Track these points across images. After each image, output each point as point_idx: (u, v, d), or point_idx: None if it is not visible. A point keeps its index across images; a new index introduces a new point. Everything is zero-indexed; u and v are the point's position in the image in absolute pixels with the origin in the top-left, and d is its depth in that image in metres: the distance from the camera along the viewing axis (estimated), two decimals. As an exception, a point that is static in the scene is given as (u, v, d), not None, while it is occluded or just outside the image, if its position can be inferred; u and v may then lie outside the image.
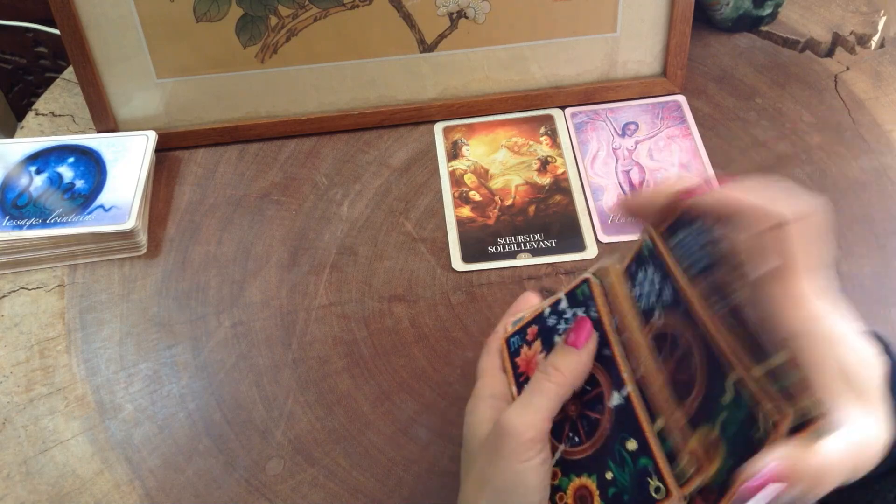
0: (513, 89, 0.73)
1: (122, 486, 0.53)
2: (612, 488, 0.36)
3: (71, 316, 0.62)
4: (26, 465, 0.54)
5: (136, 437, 0.55)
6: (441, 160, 0.71)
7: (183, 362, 0.59)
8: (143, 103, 0.71)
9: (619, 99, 0.73)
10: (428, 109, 0.73)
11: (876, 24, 0.78)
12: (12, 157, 0.68)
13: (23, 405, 0.57)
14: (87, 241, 0.64)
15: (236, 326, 0.61)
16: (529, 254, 0.63)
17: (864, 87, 0.74)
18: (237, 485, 0.53)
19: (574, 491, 0.38)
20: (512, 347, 0.44)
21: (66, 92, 0.79)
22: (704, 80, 0.75)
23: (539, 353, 0.42)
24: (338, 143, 0.73)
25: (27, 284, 0.64)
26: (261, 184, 0.70)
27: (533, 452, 0.37)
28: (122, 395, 0.57)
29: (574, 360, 0.38)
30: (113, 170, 0.67)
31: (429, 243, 0.65)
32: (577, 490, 0.38)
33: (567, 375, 0.38)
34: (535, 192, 0.68)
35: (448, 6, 0.69)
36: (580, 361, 0.38)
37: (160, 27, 0.68)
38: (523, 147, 0.71)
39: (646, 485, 0.34)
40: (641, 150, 0.70)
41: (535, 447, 0.37)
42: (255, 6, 0.67)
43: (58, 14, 0.66)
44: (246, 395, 0.57)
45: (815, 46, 0.78)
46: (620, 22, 0.70)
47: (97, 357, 0.59)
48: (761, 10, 0.78)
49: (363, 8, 0.68)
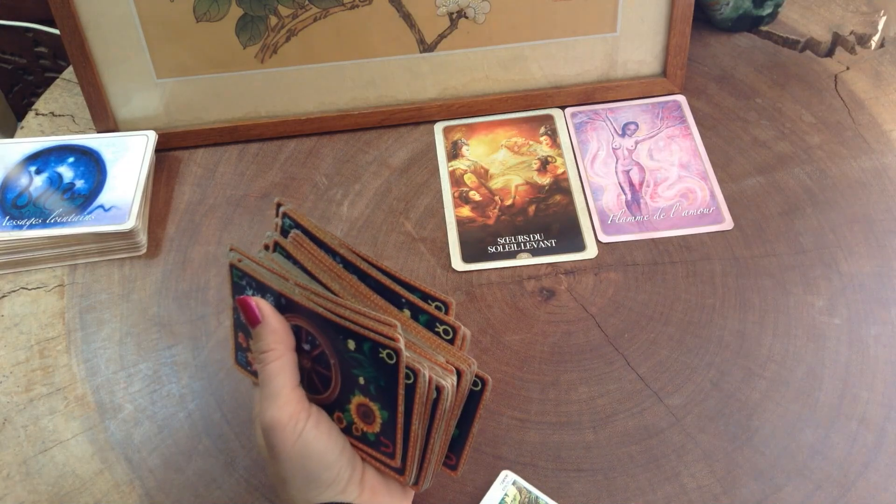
0: (513, 89, 0.73)
1: (121, 486, 0.53)
2: (370, 385, 0.40)
3: (71, 316, 0.62)
4: (26, 465, 0.54)
5: (136, 437, 0.55)
6: (441, 160, 0.71)
7: (183, 362, 0.59)
8: (143, 103, 0.71)
9: (619, 99, 0.73)
10: (428, 109, 0.73)
11: (876, 24, 0.78)
12: (12, 157, 0.68)
13: (23, 405, 0.57)
14: (87, 241, 0.64)
15: (236, 326, 0.61)
16: (529, 254, 0.63)
17: (864, 87, 0.74)
18: (237, 485, 0.53)
19: (357, 414, 0.41)
20: (243, 364, 0.47)
21: (66, 92, 0.79)
22: (704, 80, 0.75)
23: None
24: (338, 143, 0.73)
25: (27, 284, 0.64)
26: (261, 184, 0.70)
27: (301, 423, 0.39)
28: (121, 395, 0.57)
29: (267, 331, 0.40)
30: (113, 170, 0.67)
31: (429, 243, 0.65)
32: (358, 410, 0.41)
33: (275, 346, 0.40)
34: (535, 192, 0.68)
35: (448, 6, 0.69)
36: (272, 327, 0.40)
37: (160, 27, 0.68)
38: (523, 147, 0.71)
39: (381, 361, 0.38)
40: (641, 150, 0.70)
41: (301, 417, 0.39)
42: (255, 6, 0.67)
43: (58, 14, 0.66)
44: (246, 395, 0.57)
45: (815, 46, 0.78)
46: (620, 22, 0.70)
47: (97, 357, 0.59)
48: (761, 10, 0.78)
49: (363, 8, 0.68)
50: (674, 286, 0.61)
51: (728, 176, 0.68)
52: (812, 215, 0.65)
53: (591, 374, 0.57)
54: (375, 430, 0.41)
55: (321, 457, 0.39)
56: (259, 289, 0.42)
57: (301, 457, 0.39)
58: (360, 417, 0.41)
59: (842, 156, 0.69)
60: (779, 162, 0.68)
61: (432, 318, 0.42)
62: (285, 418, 0.39)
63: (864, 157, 0.68)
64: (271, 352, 0.40)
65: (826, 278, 0.61)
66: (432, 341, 0.41)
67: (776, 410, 0.54)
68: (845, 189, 0.66)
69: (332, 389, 0.41)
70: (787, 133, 0.71)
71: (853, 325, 0.58)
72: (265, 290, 0.42)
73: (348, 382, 0.41)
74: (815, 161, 0.68)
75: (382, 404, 0.40)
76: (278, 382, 0.39)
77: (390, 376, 0.38)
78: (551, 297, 0.61)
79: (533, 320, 0.60)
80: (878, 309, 0.59)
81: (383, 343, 0.38)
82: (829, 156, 0.69)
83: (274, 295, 0.41)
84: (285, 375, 0.40)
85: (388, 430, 0.40)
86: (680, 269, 0.62)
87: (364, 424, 0.41)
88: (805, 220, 0.64)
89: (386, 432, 0.40)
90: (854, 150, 0.69)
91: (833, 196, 0.66)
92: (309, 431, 0.39)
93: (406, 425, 0.39)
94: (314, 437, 0.39)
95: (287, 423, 0.38)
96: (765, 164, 0.68)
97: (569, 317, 0.60)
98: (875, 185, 0.66)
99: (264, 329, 0.40)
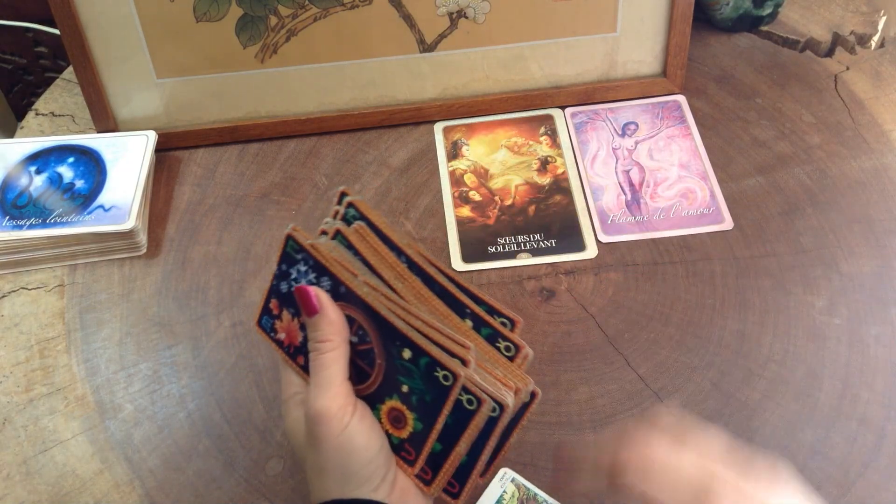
0: (513, 89, 0.73)
1: (121, 486, 0.53)
2: (413, 396, 0.39)
3: (71, 316, 0.62)
4: (26, 465, 0.54)
5: (136, 437, 0.55)
6: (441, 160, 0.71)
7: (183, 362, 0.59)
8: (143, 103, 0.71)
9: (619, 99, 0.73)
10: (428, 109, 0.73)
11: (876, 24, 0.78)
12: (12, 157, 0.68)
13: (23, 405, 0.57)
14: (87, 241, 0.64)
15: (236, 326, 0.61)
16: (529, 254, 0.63)
17: (864, 87, 0.74)
18: (237, 485, 0.53)
19: (387, 416, 0.41)
20: (267, 329, 0.46)
21: (66, 92, 0.79)
22: (704, 80, 0.75)
23: (292, 321, 0.44)
24: (338, 143, 0.73)
25: (27, 284, 0.64)
26: (261, 184, 0.70)
27: (348, 417, 0.39)
28: (122, 395, 0.57)
29: (325, 322, 0.40)
30: (113, 170, 0.67)
31: (429, 243, 0.65)
32: (389, 414, 0.41)
33: (332, 337, 0.40)
34: (535, 192, 0.68)
35: (448, 6, 0.69)
36: (329, 319, 0.40)
37: (160, 27, 0.68)
38: (523, 147, 0.71)
39: (435, 379, 0.38)
40: (641, 150, 0.70)
41: (348, 410, 0.39)
42: (255, 6, 0.67)
43: (58, 14, 0.66)
44: (246, 395, 0.57)
45: (815, 46, 0.78)
46: (620, 22, 0.70)
47: (97, 357, 0.59)
48: (761, 10, 0.78)
49: (363, 8, 0.68)
50: (674, 286, 0.61)
51: (728, 176, 0.68)
52: (812, 215, 0.65)
53: (591, 374, 0.57)
54: (402, 436, 0.40)
55: (362, 452, 0.39)
56: (315, 269, 0.42)
57: (343, 450, 0.39)
58: (390, 421, 0.41)
59: (842, 156, 0.69)
60: (779, 162, 0.68)
61: (495, 332, 0.41)
62: (334, 409, 0.39)
63: (864, 157, 0.68)
64: (328, 342, 0.40)
65: (826, 278, 0.61)
66: (492, 355, 0.41)
67: (776, 410, 0.54)
68: (845, 189, 0.66)
69: (368, 386, 0.41)
70: (787, 133, 0.71)
71: (853, 325, 0.58)
72: (323, 272, 0.41)
73: (389, 386, 0.40)
74: (815, 161, 0.68)
75: (420, 416, 0.39)
76: (331, 373, 0.39)
77: (440, 396, 0.38)
78: (551, 297, 0.61)
79: (533, 320, 0.60)
80: (878, 309, 0.59)
81: (446, 364, 0.37)
82: (829, 156, 0.69)
83: (333, 281, 0.41)
84: (338, 367, 0.40)
85: (417, 441, 0.40)
86: (680, 269, 0.62)
87: (392, 428, 0.41)
88: (805, 220, 0.64)
89: (414, 441, 0.40)
90: (854, 150, 0.69)
91: (833, 196, 0.66)
92: (354, 426, 0.39)
93: (448, 444, 0.39)
94: (358, 431, 0.39)
95: (335, 415, 0.38)
96: (765, 164, 0.68)
97: (569, 317, 0.60)
98: (875, 185, 0.66)
99: (322, 319, 0.40)
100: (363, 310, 0.40)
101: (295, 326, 0.44)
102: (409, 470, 0.40)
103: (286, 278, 0.44)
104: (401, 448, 0.41)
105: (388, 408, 0.40)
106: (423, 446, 0.40)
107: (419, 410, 0.39)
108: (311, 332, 0.41)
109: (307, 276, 0.42)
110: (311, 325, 0.41)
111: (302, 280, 0.43)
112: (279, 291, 0.44)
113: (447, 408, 0.38)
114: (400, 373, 0.39)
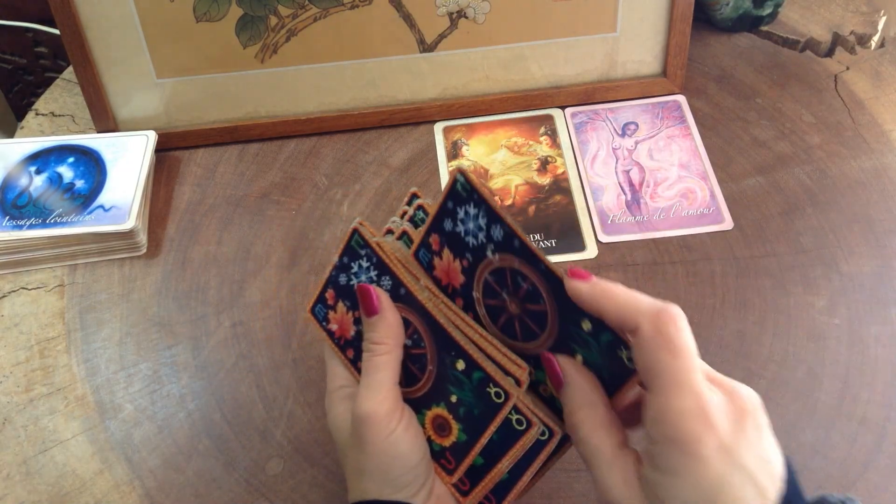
0: (513, 89, 0.73)
1: (121, 486, 0.53)
2: (461, 407, 0.39)
3: (71, 316, 0.62)
4: (26, 465, 0.54)
5: (136, 437, 0.55)
6: (441, 160, 0.71)
7: (183, 362, 0.59)
8: (143, 103, 0.71)
9: (619, 99, 0.73)
10: (428, 109, 0.73)
11: (876, 24, 0.78)
12: (12, 157, 0.68)
13: (23, 405, 0.57)
14: (87, 241, 0.64)
15: (236, 326, 0.61)
16: (529, 254, 0.63)
17: (864, 87, 0.74)
18: (237, 485, 0.53)
19: (431, 422, 0.40)
20: (320, 318, 0.45)
21: (66, 92, 0.79)
22: (704, 80, 0.75)
23: (346, 313, 0.43)
24: (338, 143, 0.73)
25: (27, 284, 0.64)
26: (261, 184, 0.70)
27: (394, 423, 0.39)
28: (121, 395, 0.57)
29: (383, 324, 0.40)
30: (113, 170, 0.67)
31: (429, 243, 0.65)
32: (434, 420, 0.40)
33: (387, 341, 0.40)
34: (534, 192, 0.68)
35: (448, 6, 0.69)
36: (388, 322, 0.40)
37: (160, 27, 0.68)
38: (523, 147, 0.71)
39: (486, 394, 0.38)
40: (641, 150, 0.70)
41: (395, 416, 0.39)
42: (255, 6, 0.67)
43: (58, 14, 0.66)
44: (246, 395, 0.57)
45: (815, 46, 0.78)
46: (620, 22, 0.70)
47: (97, 357, 0.59)
48: (761, 10, 0.78)
49: (363, 8, 0.68)
50: (674, 286, 0.61)
51: (728, 176, 0.68)
52: (812, 215, 0.65)
53: (591, 374, 0.57)
54: (444, 444, 0.40)
55: (405, 458, 0.39)
56: (378, 267, 0.41)
57: (387, 455, 0.39)
58: (434, 428, 0.40)
59: (842, 156, 0.69)
60: (779, 162, 0.68)
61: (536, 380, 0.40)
62: (382, 413, 0.38)
63: (864, 157, 0.68)
64: (383, 345, 0.40)
65: (826, 278, 0.61)
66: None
67: (776, 410, 0.54)
68: (845, 189, 0.66)
69: (416, 390, 0.41)
70: (787, 133, 0.71)
71: (853, 325, 0.58)
72: (385, 271, 0.41)
73: (437, 394, 0.40)
74: (815, 161, 0.68)
75: (465, 428, 0.39)
76: (382, 376, 0.39)
77: (489, 412, 0.38)
78: (551, 297, 0.61)
79: (533, 320, 0.60)
80: (878, 309, 0.59)
81: (499, 382, 0.37)
82: (829, 156, 0.69)
83: (394, 282, 0.41)
84: (390, 371, 0.40)
85: (459, 451, 0.40)
86: (680, 269, 0.62)
87: (435, 434, 0.40)
88: (805, 220, 0.64)
89: (455, 451, 0.40)
90: (854, 150, 0.69)
91: (833, 196, 0.66)
92: (399, 433, 0.39)
93: (490, 459, 0.39)
94: (403, 439, 0.39)
95: (382, 420, 0.38)
96: (765, 164, 0.68)
97: (569, 317, 0.60)
98: (875, 185, 0.66)
99: (381, 322, 0.40)
100: (421, 315, 0.40)
101: (349, 319, 0.43)
102: (447, 478, 0.40)
103: (346, 271, 0.43)
104: (441, 455, 0.40)
105: (434, 414, 0.40)
106: (465, 458, 0.39)
107: (465, 422, 0.39)
108: (367, 331, 0.40)
109: (368, 272, 0.42)
110: (368, 325, 0.40)
111: (362, 276, 0.42)
112: (337, 283, 0.44)
113: (495, 424, 0.38)
114: (451, 382, 0.39)
